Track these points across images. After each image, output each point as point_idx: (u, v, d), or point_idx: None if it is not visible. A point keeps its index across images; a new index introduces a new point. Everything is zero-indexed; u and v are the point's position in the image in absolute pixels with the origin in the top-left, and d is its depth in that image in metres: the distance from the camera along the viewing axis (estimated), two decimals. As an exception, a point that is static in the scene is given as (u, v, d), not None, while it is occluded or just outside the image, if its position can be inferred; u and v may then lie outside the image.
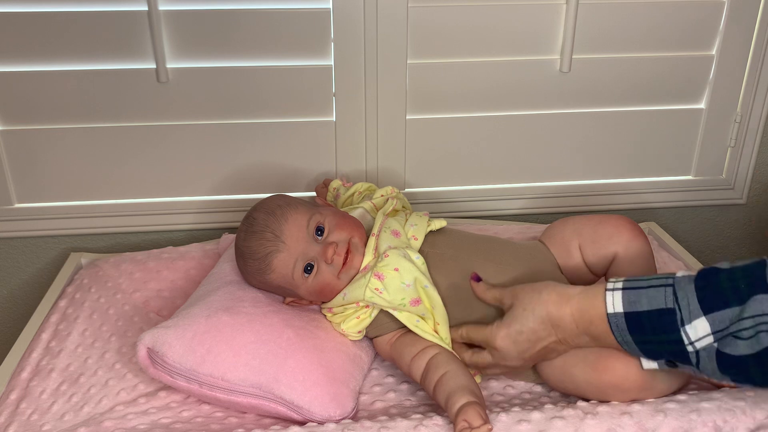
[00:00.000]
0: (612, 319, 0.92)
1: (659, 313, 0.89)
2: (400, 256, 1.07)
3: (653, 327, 0.89)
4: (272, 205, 1.12)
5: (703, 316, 0.87)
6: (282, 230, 1.08)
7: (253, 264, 1.10)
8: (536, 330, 0.97)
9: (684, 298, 0.88)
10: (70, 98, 1.38)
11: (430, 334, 1.06)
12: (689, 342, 0.87)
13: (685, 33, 1.46)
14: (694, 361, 0.88)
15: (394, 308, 1.06)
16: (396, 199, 1.24)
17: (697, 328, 0.87)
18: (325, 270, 1.08)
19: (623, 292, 0.92)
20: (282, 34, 1.37)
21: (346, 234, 1.10)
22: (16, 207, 1.46)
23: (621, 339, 0.92)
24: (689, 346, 0.88)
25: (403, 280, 1.05)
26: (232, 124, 1.43)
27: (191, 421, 1.03)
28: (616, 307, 0.92)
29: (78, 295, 1.29)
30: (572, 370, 0.99)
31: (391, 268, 1.06)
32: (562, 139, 1.52)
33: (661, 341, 0.89)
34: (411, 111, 1.46)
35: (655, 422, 0.94)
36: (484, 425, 0.90)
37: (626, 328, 0.91)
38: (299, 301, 1.14)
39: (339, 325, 1.10)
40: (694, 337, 0.87)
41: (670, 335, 0.88)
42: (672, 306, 0.88)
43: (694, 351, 0.88)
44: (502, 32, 1.42)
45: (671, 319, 0.88)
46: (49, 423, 1.02)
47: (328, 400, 1.01)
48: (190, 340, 1.03)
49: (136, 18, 1.32)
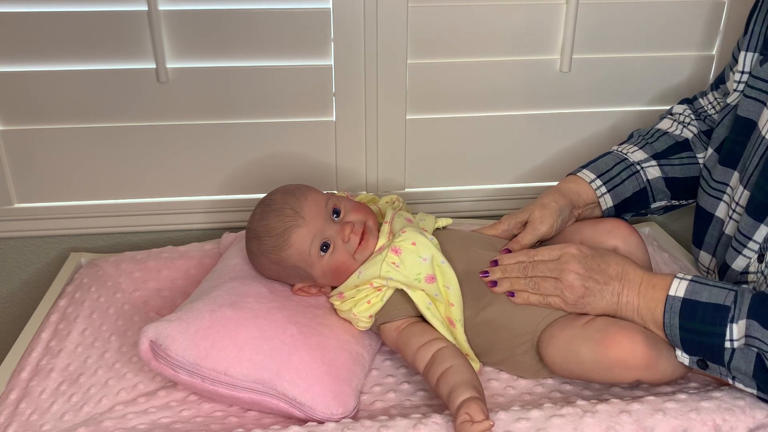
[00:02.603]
0: (669, 301, 0.97)
1: (715, 307, 0.95)
2: (417, 232, 1.10)
3: (704, 317, 0.95)
4: (290, 187, 1.16)
5: (746, 318, 0.92)
6: (302, 207, 1.11)
7: (270, 241, 1.11)
8: (611, 264, 1.03)
9: (741, 299, 0.94)
10: (70, 98, 1.38)
11: (439, 320, 1.07)
12: (730, 338, 0.93)
13: (685, 33, 1.46)
14: (728, 359, 0.94)
15: (409, 285, 1.07)
16: (401, 203, 1.27)
17: (740, 327, 0.93)
18: (341, 248, 1.10)
19: (690, 283, 0.98)
20: (282, 34, 1.37)
21: (362, 216, 1.14)
22: (16, 207, 1.46)
23: (668, 320, 0.97)
24: (728, 342, 0.93)
25: (420, 254, 1.08)
26: (232, 124, 1.44)
27: (191, 421, 1.03)
28: (679, 292, 0.97)
29: (78, 295, 1.29)
30: (578, 348, 1.00)
31: (409, 242, 1.08)
32: (562, 139, 1.52)
33: (705, 332, 0.94)
34: (411, 111, 1.46)
35: (654, 420, 0.94)
36: (486, 420, 0.90)
37: (679, 311, 0.96)
38: (308, 290, 1.15)
39: (349, 311, 1.10)
40: (737, 335, 0.93)
41: (716, 328, 0.94)
42: (729, 304, 0.94)
43: (730, 348, 0.93)
44: (502, 32, 1.42)
45: (723, 315, 0.94)
46: (49, 423, 1.02)
47: (331, 397, 1.01)
48: (193, 335, 1.03)
49: (136, 18, 1.32)
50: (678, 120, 1.32)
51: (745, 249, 1.09)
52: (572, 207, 1.21)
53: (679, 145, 1.28)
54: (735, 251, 1.10)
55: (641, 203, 1.27)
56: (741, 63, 1.17)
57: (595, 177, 1.23)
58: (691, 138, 1.29)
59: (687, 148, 1.28)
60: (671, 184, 1.27)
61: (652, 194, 1.26)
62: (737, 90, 1.18)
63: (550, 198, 1.19)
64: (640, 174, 1.25)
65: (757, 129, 1.11)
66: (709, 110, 1.30)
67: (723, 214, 1.18)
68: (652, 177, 1.26)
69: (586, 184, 1.23)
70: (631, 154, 1.27)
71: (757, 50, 1.15)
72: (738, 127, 1.16)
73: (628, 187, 1.24)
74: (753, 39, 1.17)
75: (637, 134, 1.32)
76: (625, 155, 1.27)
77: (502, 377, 1.11)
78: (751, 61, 1.16)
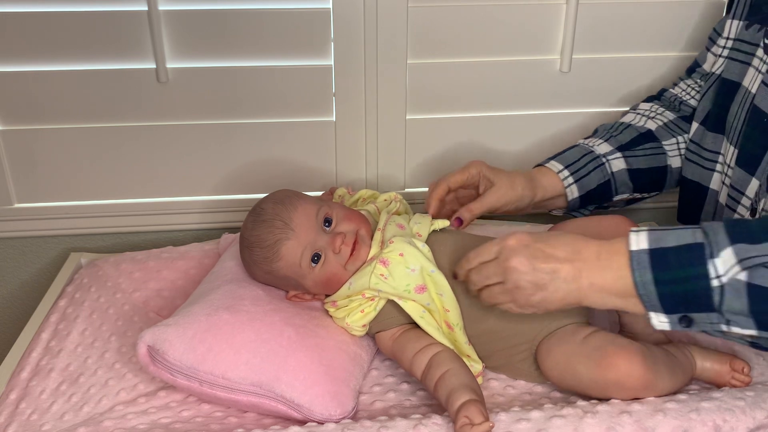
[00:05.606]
0: (634, 257, 0.88)
1: (688, 248, 0.86)
2: (405, 242, 1.08)
3: (679, 261, 0.86)
4: (281, 195, 1.14)
5: (729, 246, 0.84)
6: (291, 218, 1.09)
7: (260, 253, 1.10)
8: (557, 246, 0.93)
9: (713, 233, 0.86)
10: (70, 98, 1.38)
11: (433, 327, 1.06)
12: (716, 275, 0.84)
13: (685, 33, 1.46)
14: (718, 300, 0.84)
15: (399, 296, 1.06)
16: (399, 203, 1.26)
17: (724, 259, 0.84)
18: (332, 260, 1.09)
19: (649, 232, 0.89)
20: (282, 34, 1.37)
21: (353, 225, 1.11)
22: (16, 207, 1.46)
23: (639, 278, 0.87)
24: (714, 280, 0.84)
25: (408, 265, 1.06)
26: (232, 124, 1.44)
27: (191, 421, 1.03)
28: (641, 244, 0.88)
29: (78, 295, 1.29)
30: (576, 366, 0.99)
31: (396, 253, 1.06)
32: (562, 139, 1.52)
33: (686, 277, 0.85)
34: (411, 111, 1.46)
35: (654, 421, 0.94)
36: (485, 422, 0.90)
37: (649, 264, 0.87)
38: (302, 296, 1.15)
39: (343, 320, 1.10)
40: (722, 270, 0.84)
41: (696, 268, 0.85)
42: (701, 241, 0.86)
43: (719, 286, 0.84)
44: (502, 32, 1.42)
45: (699, 253, 0.85)
46: (49, 423, 1.02)
47: (329, 399, 1.01)
48: (190, 339, 1.03)
49: (136, 18, 1.32)
50: (642, 114, 1.35)
51: (739, 206, 1.09)
52: (532, 198, 1.23)
53: (643, 136, 1.30)
54: (730, 209, 1.11)
55: (604, 195, 1.28)
56: (727, 30, 1.22)
57: (563, 167, 1.26)
58: (656, 129, 1.31)
59: (651, 138, 1.30)
60: (635, 176, 1.29)
61: (615, 187, 1.28)
62: (721, 56, 1.22)
63: (521, 184, 1.21)
64: (605, 166, 1.27)
65: (742, 87, 1.14)
66: (685, 96, 1.33)
67: (717, 185, 1.19)
68: (617, 169, 1.27)
69: (554, 174, 1.26)
70: (597, 146, 1.29)
71: (743, 18, 1.20)
72: (724, 91, 1.19)
73: (594, 178, 1.26)
74: (739, 8, 1.21)
75: (602, 128, 1.35)
76: (591, 148, 1.29)
77: (501, 377, 1.11)
78: (737, 29, 1.21)
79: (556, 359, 1.02)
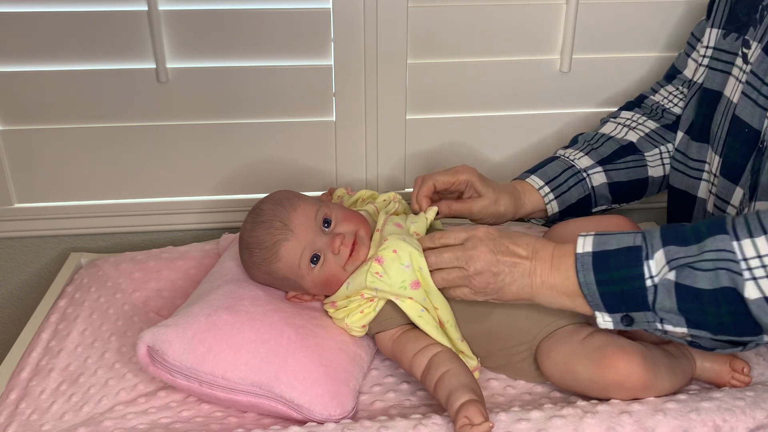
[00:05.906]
0: (579, 259, 0.94)
1: (627, 250, 0.92)
2: (398, 239, 1.07)
3: (618, 263, 0.91)
4: (280, 196, 1.14)
5: (661, 248, 0.90)
6: (290, 219, 1.09)
7: (260, 254, 1.10)
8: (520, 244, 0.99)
9: (650, 237, 0.92)
10: (70, 98, 1.38)
11: (432, 326, 1.06)
12: (650, 276, 0.89)
13: (686, 33, 1.46)
14: (652, 299, 0.90)
15: (396, 295, 1.06)
16: (398, 203, 1.25)
17: (657, 260, 0.90)
18: (331, 260, 1.09)
19: (595, 237, 0.95)
20: (282, 34, 1.37)
21: (353, 226, 1.11)
22: (16, 207, 1.46)
23: (583, 279, 0.93)
24: (648, 280, 0.89)
25: (402, 261, 1.05)
26: (232, 124, 1.44)
27: (191, 421, 1.03)
28: (586, 247, 0.94)
29: (78, 295, 1.29)
30: (576, 366, 1.00)
31: (390, 250, 1.06)
32: (562, 139, 1.52)
33: (623, 278, 0.91)
34: (411, 111, 1.46)
35: (654, 421, 0.94)
36: (485, 422, 0.90)
37: (592, 266, 0.93)
38: (302, 297, 1.15)
39: (342, 320, 1.10)
40: (655, 271, 0.89)
41: (633, 270, 0.90)
42: (640, 244, 0.91)
43: (653, 285, 0.89)
44: (502, 32, 1.42)
45: (637, 255, 0.91)
46: (49, 423, 1.02)
47: (329, 399, 1.01)
48: (190, 339, 1.03)
49: (136, 18, 1.32)
50: (623, 124, 1.34)
51: (726, 215, 1.10)
52: (513, 216, 1.23)
53: (624, 149, 1.30)
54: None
55: (583, 209, 1.29)
56: (706, 39, 1.23)
57: (544, 184, 1.26)
58: (637, 140, 1.31)
59: (632, 151, 1.30)
60: (614, 189, 1.29)
61: (594, 200, 1.29)
62: (702, 65, 1.23)
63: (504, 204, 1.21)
64: (585, 181, 1.27)
65: (724, 97, 1.15)
66: (667, 104, 1.33)
67: (705, 193, 1.20)
68: (597, 183, 1.28)
69: (534, 191, 1.25)
70: (578, 160, 1.29)
71: (721, 26, 1.20)
72: (707, 101, 1.19)
73: (574, 194, 1.27)
74: (717, 17, 1.22)
75: (582, 139, 1.34)
76: (572, 161, 1.29)
77: (501, 377, 1.11)
78: (716, 37, 1.21)
79: (555, 359, 1.02)
